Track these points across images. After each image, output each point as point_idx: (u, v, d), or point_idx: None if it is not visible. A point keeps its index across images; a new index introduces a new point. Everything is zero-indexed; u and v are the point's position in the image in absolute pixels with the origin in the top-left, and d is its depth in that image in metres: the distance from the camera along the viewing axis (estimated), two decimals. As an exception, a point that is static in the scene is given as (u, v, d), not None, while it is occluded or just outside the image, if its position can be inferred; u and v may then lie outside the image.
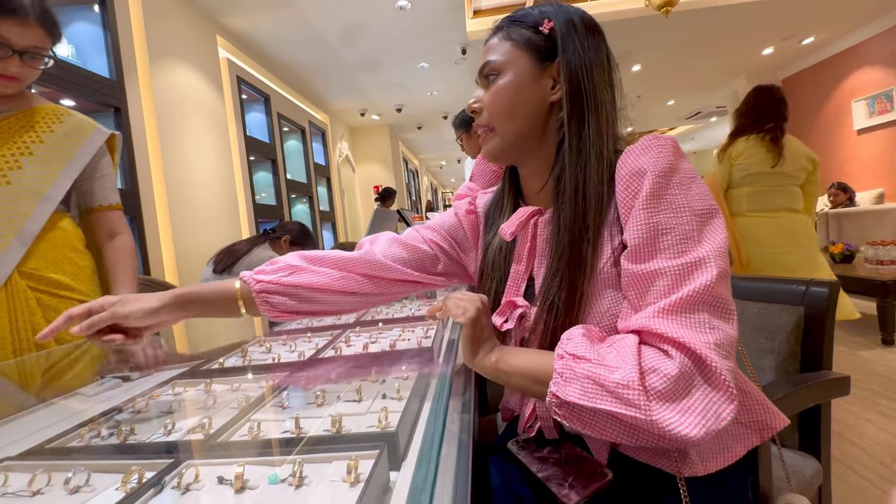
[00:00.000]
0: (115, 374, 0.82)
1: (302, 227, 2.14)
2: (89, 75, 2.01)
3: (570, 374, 0.44)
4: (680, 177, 0.48)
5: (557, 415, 0.46)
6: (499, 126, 0.59)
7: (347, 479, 0.39)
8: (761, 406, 0.51)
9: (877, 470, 1.36)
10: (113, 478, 0.43)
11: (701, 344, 0.40)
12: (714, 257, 0.43)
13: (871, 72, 4.50)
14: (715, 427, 0.39)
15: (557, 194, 0.55)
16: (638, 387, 0.40)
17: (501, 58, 0.57)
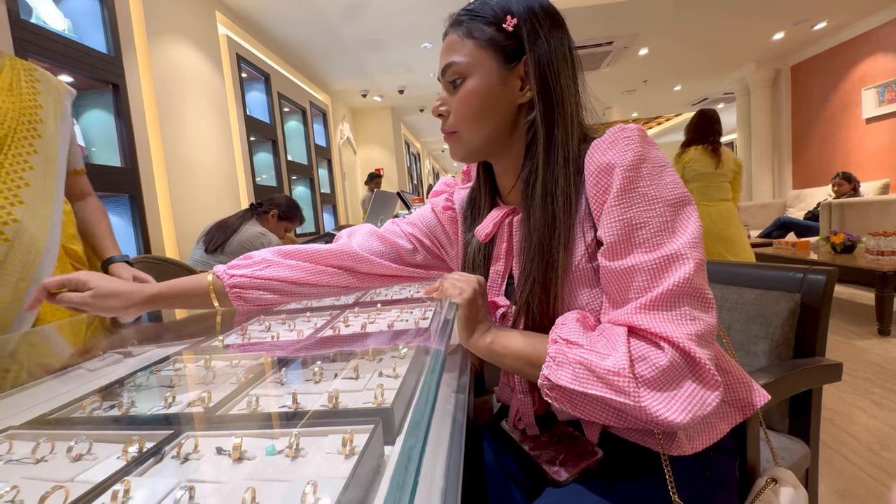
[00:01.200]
0: (118, 350, 0.83)
1: (290, 201, 2.11)
2: (87, 50, 1.97)
3: (562, 358, 0.45)
4: (650, 167, 0.47)
5: (549, 397, 0.46)
6: (466, 131, 0.57)
7: (343, 451, 0.40)
8: (742, 384, 0.52)
9: (866, 456, 1.39)
10: (114, 447, 0.44)
11: (684, 337, 0.41)
12: (690, 248, 0.44)
13: (884, 59, 4.41)
14: (700, 413, 0.40)
15: (526, 197, 0.54)
16: (628, 374, 0.41)
17: (465, 59, 0.54)
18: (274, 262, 0.70)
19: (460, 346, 0.72)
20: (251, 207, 2.03)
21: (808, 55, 5.28)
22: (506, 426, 0.64)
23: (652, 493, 0.48)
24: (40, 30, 1.79)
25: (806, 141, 5.51)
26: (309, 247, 0.72)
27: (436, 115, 0.59)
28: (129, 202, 2.20)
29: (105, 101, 2.13)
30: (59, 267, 0.96)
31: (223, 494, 0.35)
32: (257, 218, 1.99)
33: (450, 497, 0.40)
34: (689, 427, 0.41)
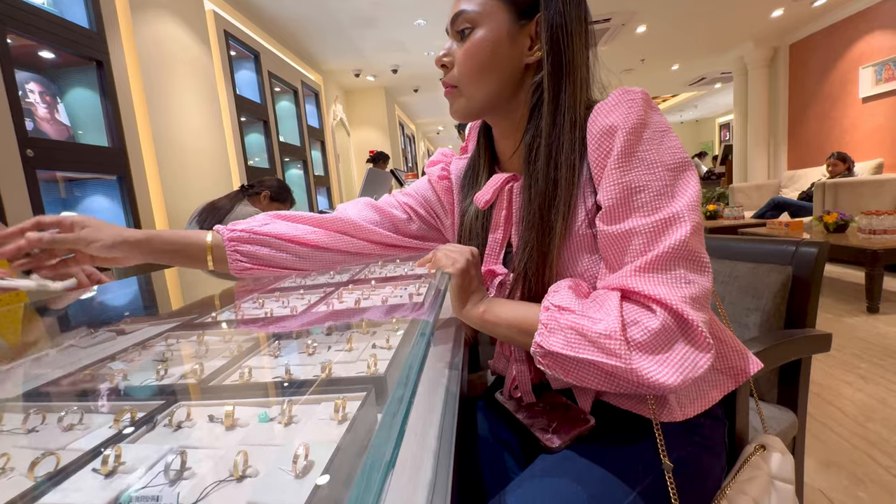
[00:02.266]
0: (110, 328, 0.82)
1: (281, 183, 2.11)
2: (69, 25, 1.90)
3: (554, 324, 0.45)
4: (651, 131, 0.46)
5: (542, 364, 0.47)
6: (468, 87, 0.55)
7: (335, 416, 0.40)
8: (735, 352, 0.53)
9: (852, 428, 1.42)
10: (105, 417, 0.44)
11: (678, 299, 0.41)
12: (687, 212, 0.43)
13: (883, 36, 4.36)
14: (692, 375, 0.40)
15: (529, 162, 0.53)
16: (619, 337, 0.41)
17: (477, 8, 0.53)
18: (273, 221, 0.71)
19: (454, 321, 0.72)
20: (242, 189, 2.01)
21: (807, 33, 5.21)
22: (500, 397, 0.64)
23: (642, 457, 0.49)
24: (19, 3, 1.72)
25: (802, 121, 5.49)
26: (308, 213, 0.73)
27: (439, 66, 0.58)
28: (118, 183, 2.16)
29: (89, 79, 2.06)
30: None
31: (215, 459, 0.35)
32: (249, 199, 1.98)
33: (442, 462, 0.41)
34: (681, 391, 0.42)
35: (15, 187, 1.62)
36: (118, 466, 0.34)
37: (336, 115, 6.05)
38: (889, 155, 4.33)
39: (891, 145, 4.35)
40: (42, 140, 1.79)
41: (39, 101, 1.87)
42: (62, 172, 1.98)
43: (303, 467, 0.32)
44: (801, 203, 4.30)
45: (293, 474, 0.32)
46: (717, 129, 11.43)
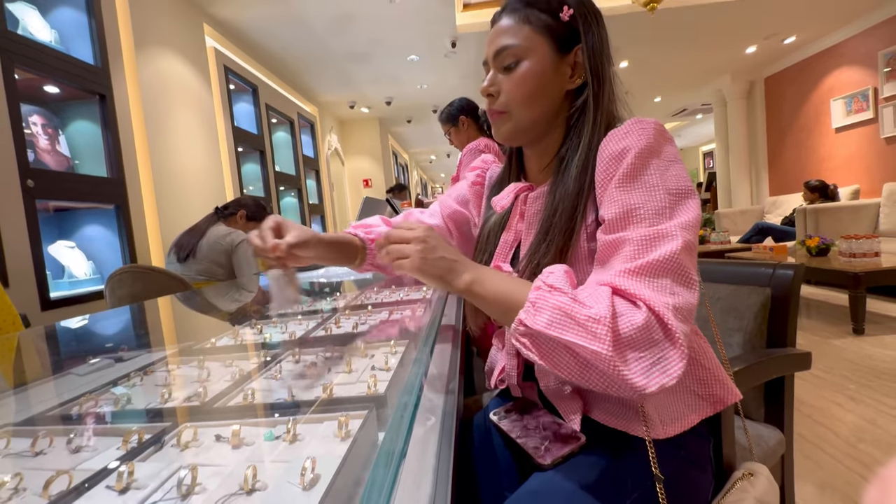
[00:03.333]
0: (108, 356, 0.83)
1: (257, 201, 2.06)
2: (73, 61, 1.97)
3: (543, 303, 0.45)
4: (658, 160, 0.50)
5: (519, 342, 0.46)
6: (516, 111, 0.60)
7: (339, 433, 0.41)
8: (718, 382, 0.55)
9: (844, 449, 1.43)
10: (113, 440, 0.45)
11: (661, 304, 0.42)
12: (681, 230, 0.46)
13: (850, 71, 4.63)
14: (662, 381, 0.40)
15: (558, 172, 0.58)
16: (608, 324, 0.41)
17: (521, 42, 0.57)
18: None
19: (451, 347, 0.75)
20: (216, 211, 1.98)
21: (780, 67, 5.51)
22: (494, 417, 0.66)
23: (631, 472, 0.51)
24: (26, 41, 1.79)
25: (781, 149, 5.71)
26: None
27: (484, 95, 0.62)
28: (116, 212, 2.19)
29: (91, 112, 2.12)
30: None
31: (224, 475, 0.37)
32: (223, 220, 1.96)
33: (441, 480, 0.42)
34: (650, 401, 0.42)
35: (14, 216, 1.64)
36: (131, 483, 0.36)
37: (331, 145, 6.17)
38: (864, 181, 4.51)
39: (865, 172, 4.54)
40: (42, 171, 1.82)
41: (41, 133, 1.91)
42: (60, 202, 2.00)
43: (310, 480, 0.34)
44: (784, 228, 4.43)
45: (301, 487, 0.34)
46: (701, 157, 11.81)
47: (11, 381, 0.77)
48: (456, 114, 1.93)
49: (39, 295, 1.72)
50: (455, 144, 2.03)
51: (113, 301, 1.70)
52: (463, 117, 1.93)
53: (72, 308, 1.86)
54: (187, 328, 1.21)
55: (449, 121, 1.97)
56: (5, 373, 0.84)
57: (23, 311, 1.63)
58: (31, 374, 0.79)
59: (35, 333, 1.02)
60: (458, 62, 4.65)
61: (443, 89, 5.63)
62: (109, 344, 1.00)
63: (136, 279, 1.66)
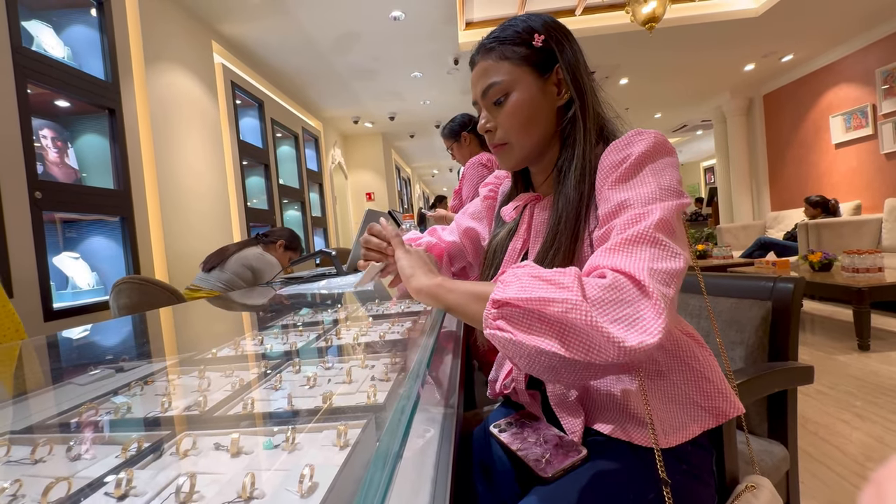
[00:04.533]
0: (108, 366, 0.83)
1: (292, 233, 2.23)
2: (84, 76, 2.02)
3: (511, 277, 0.46)
4: (654, 165, 0.52)
5: (493, 326, 0.45)
6: (516, 140, 0.63)
7: (337, 442, 0.41)
8: (721, 394, 0.55)
9: (850, 467, 1.41)
10: (113, 448, 0.45)
11: (636, 268, 0.42)
12: (661, 209, 0.47)
13: (848, 88, 4.68)
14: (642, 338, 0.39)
15: (559, 182, 0.60)
16: (575, 280, 0.42)
17: (505, 77, 0.61)
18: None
19: (451, 360, 0.75)
20: (257, 237, 2.12)
21: (779, 84, 5.58)
22: (494, 430, 0.66)
23: (633, 484, 0.50)
24: (40, 57, 1.83)
25: (781, 165, 5.74)
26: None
27: (483, 132, 0.66)
28: (121, 224, 2.21)
29: (101, 126, 2.16)
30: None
31: (222, 483, 0.37)
32: (263, 246, 2.08)
33: (439, 490, 0.42)
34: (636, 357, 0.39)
35: (21, 227, 1.66)
36: (129, 490, 0.36)
37: (334, 159, 6.24)
38: (865, 197, 4.52)
39: (865, 188, 4.55)
40: (50, 183, 1.85)
41: (51, 146, 1.94)
42: (66, 213, 2.02)
43: (308, 488, 0.34)
44: (786, 243, 4.42)
45: (299, 494, 0.34)
46: (703, 173, 11.87)
47: (11, 389, 0.77)
48: (458, 129, 1.96)
49: (43, 305, 1.72)
50: (457, 159, 2.05)
51: (115, 311, 1.71)
52: (465, 133, 1.96)
53: (74, 319, 1.87)
54: (188, 338, 1.21)
55: (451, 136, 1.99)
56: (6, 381, 0.84)
57: (24, 322, 1.64)
58: (32, 384, 0.79)
59: (36, 343, 1.02)
60: (461, 79, 4.73)
61: (445, 105, 5.72)
62: (109, 354, 1.00)
63: (133, 290, 1.67)
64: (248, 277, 1.94)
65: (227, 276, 1.89)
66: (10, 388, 0.79)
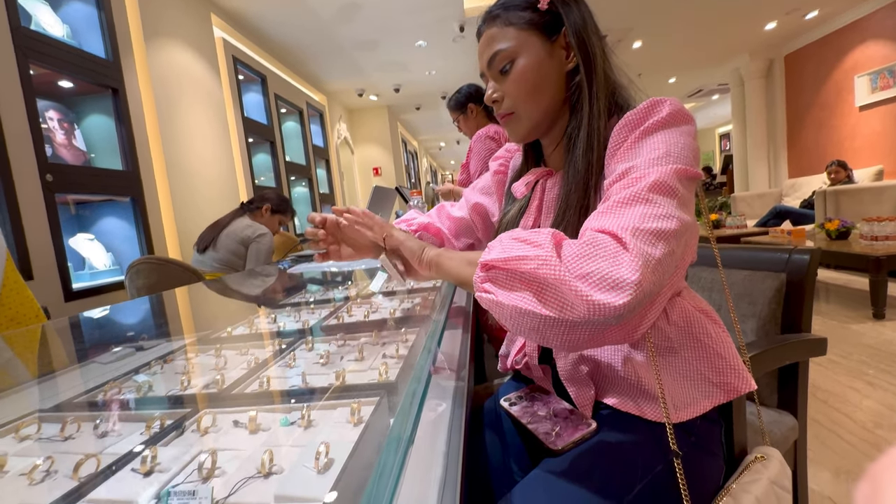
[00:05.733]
0: (129, 345, 0.86)
1: (280, 195, 2.15)
2: (85, 55, 2.00)
3: (496, 241, 0.48)
4: (669, 131, 0.50)
5: (480, 289, 0.47)
6: (524, 109, 0.61)
7: (351, 419, 0.43)
8: (733, 370, 0.55)
9: (860, 434, 1.42)
10: (137, 425, 0.47)
11: (619, 227, 0.42)
12: (660, 171, 0.45)
13: (876, 46, 4.43)
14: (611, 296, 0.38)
15: (569, 150, 0.58)
16: (549, 238, 0.43)
17: (510, 43, 0.58)
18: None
19: (460, 332, 0.75)
20: (242, 206, 2.07)
21: (801, 44, 5.30)
22: (504, 404, 0.67)
23: (641, 457, 0.51)
24: (40, 36, 1.81)
25: (800, 130, 5.53)
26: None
27: (490, 103, 0.64)
28: (132, 204, 2.23)
29: (105, 106, 2.15)
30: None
31: (242, 459, 0.38)
32: (249, 214, 2.03)
33: (451, 463, 0.43)
34: (600, 310, 0.39)
35: (35, 210, 1.68)
36: (155, 466, 0.37)
37: (340, 134, 6.17)
38: (888, 161, 4.36)
39: (889, 152, 4.38)
40: (60, 165, 1.86)
41: (58, 128, 1.94)
42: (78, 195, 2.04)
43: (324, 464, 0.35)
44: (802, 211, 4.31)
45: (315, 470, 0.35)
46: (718, 139, 11.51)
47: (37, 370, 0.80)
48: (464, 101, 1.91)
49: (63, 286, 1.77)
50: (464, 132, 2.01)
51: (132, 291, 1.75)
52: (471, 104, 1.91)
53: (94, 299, 1.92)
54: (203, 317, 1.24)
55: (457, 108, 1.94)
56: (31, 362, 0.87)
57: (46, 303, 1.69)
58: (57, 363, 0.83)
59: (58, 325, 1.05)
60: (467, 46, 4.58)
61: (452, 75, 5.56)
62: (130, 333, 1.03)
63: (151, 270, 1.70)
64: (243, 252, 1.91)
65: (222, 255, 1.88)
66: (35, 368, 0.83)
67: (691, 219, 0.46)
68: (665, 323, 0.56)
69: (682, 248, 0.45)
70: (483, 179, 0.83)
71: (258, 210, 2.05)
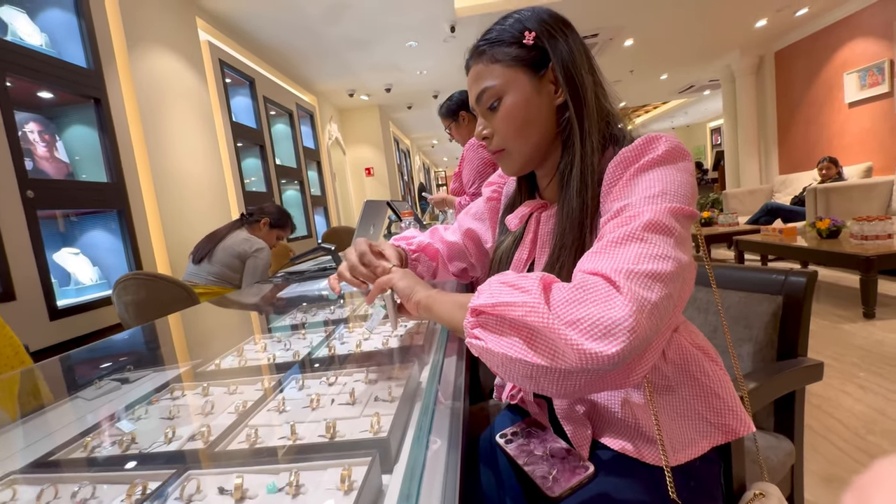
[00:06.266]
0: (114, 377, 0.83)
1: (281, 209, 2.13)
2: (65, 65, 1.94)
3: (485, 286, 0.47)
4: (665, 169, 0.48)
5: (471, 335, 0.46)
6: (513, 146, 0.60)
7: (342, 486, 0.41)
8: (731, 411, 0.54)
9: (852, 441, 1.43)
10: (118, 489, 0.45)
11: (612, 269, 0.40)
12: (656, 210, 0.44)
13: (864, 43, 4.46)
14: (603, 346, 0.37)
15: (562, 188, 0.57)
16: (537, 283, 0.42)
17: (497, 81, 0.57)
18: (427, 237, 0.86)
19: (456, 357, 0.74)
20: (241, 217, 2.04)
21: (791, 41, 5.32)
22: (500, 441, 0.66)
23: (641, 502, 0.50)
24: (16, 47, 1.75)
25: (791, 126, 5.57)
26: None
27: (480, 139, 0.63)
28: (118, 217, 2.18)
29: (87, 116, 2.10)
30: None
31: (227, 538, 0.37)
32: (247, 227, 2.00)
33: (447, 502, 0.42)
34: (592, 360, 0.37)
35: (16, 228, 1.64)
36: (134, 549, 0.36)
37: (331, 135, 6.11)
38: (877, 158, 4.40)
39: (878, 149, 4.42)
40: (42, 180, 1.81)
41: (39, 141, 1.89)
42: (62, 210, 2.00)
43: (313, 547, 0.34)
44: (793, 208, 4.35)
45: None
46: (709, 134, 11.57)
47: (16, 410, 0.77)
48: (455, 108, 1.88)
49: (47, 305, 1.73)
50: (456, 139, 1.98)
51: (119, 307, 1.71)
52: (463, 112, 1.88)
53: (81, 316, 1.88)
54: (193, 343, 1.21)
55: (448, 116, 1.92)
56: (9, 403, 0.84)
57: (31, 322, 1.65)
58: (39, 401, 0.80)
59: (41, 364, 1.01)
60: (458, 46, 4.54)
61: (443, 74, 5.52)
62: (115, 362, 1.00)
63: (140, 286, 1.66)
64: (238, 266, 1.89)
65: (217, 269, 1.86)
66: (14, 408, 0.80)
67: (688, 258, 0.45)
68: (662, 361, 0.55)
69: (679, 289, 0.44)
70: (476, 205, 0.82)
71: (256, 223, 2.03)
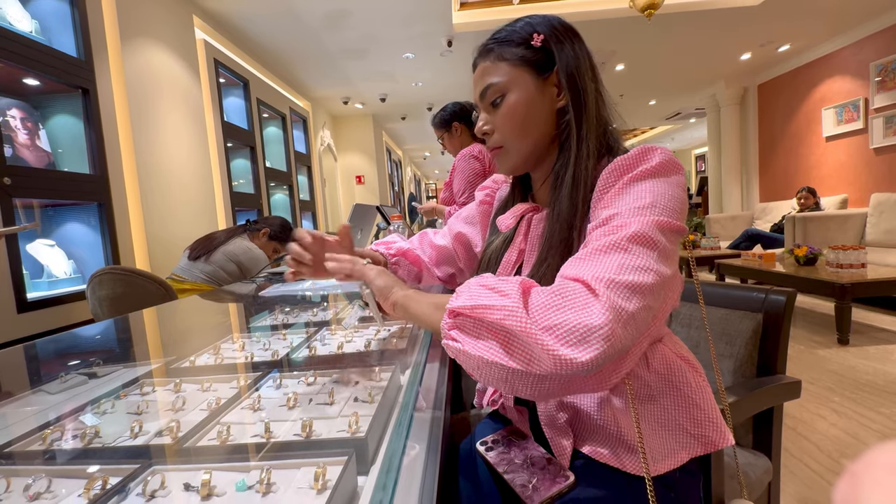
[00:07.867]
0: (81, 371, 0.80)
1: (283, 223, 2.13)
2: (55, 53, 1.91)
3: (465, 288, 0.47)
4: (657, 181, 0.49)
5: (447, 336, 0.46)
6: (513, 143, 0.61)
7: (315, 486, 0.39)
8: (712, 424, 0.54)
9: (826, 464, 1.45)
10: (76, 483, 0.43)
11: (593, 276, 0.40)
12: (643, 221, 0.45)
13: (842, 81, 4.67)
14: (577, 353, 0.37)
15: (555, 188, 0.58)
16: (517, 287, 0.42)
17: (502, 78, 0.59)
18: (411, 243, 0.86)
19: (439, 363, 0.73)
20: (244, 224, 2.04)
21: (774, 75, 5.55)
22: (481, 448, 0.64)
23: (621, 515, 0.50)
24: (6, 32, 1.72)
25: (772, 156, 5.77)
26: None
27: (480, 135, 0.64)
28: (98, 210, 2.13)
29: (74, 106, 2.05)
30: None
31: (190, 535, 0.35)
32: (248, 234, 2.00)
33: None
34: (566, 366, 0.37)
35: (-11, 216, 1.58)
36: (88, 546, 0.33)
37: (323, 141, 6.10)
38: (852, 191, 4.57)
39: (853, 182, 4.60)
40: (21, 168, 1.76)
41: (20, 128, 1.84)
42: (40, 200, 1.94)
43: (280, 547, 0.32)
44: (773, 235, 4.47)
45: (270, 555, 0.31)
46: (693, 160, 11.90)
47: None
48: (448, 119, 1.90)
49: (16, 297, 1.66)
50: (448, 150, 1.99)
51: (93, 302, 1.65)
52: (456, 123, 1.90)
53: (51, 310, 1.81)
54: (169, 339, 1.17)
55: (441, 126, 1.93)
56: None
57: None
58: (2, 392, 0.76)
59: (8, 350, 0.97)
60: (455, 61, 4.61)
61: (438, 87, 5.59)
62: (84, 357, 0.96)
63: (116, 281, 1.61)
64: (233, 271, 1.88)
65: (212, 269, 1.83)
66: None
67: (672, 272, 0.45)
68: (645, 370, 0.55)
69: (659, 302, 0.44)
70: (467, 209, 0.82)
71: (257, 232, 2.04)
